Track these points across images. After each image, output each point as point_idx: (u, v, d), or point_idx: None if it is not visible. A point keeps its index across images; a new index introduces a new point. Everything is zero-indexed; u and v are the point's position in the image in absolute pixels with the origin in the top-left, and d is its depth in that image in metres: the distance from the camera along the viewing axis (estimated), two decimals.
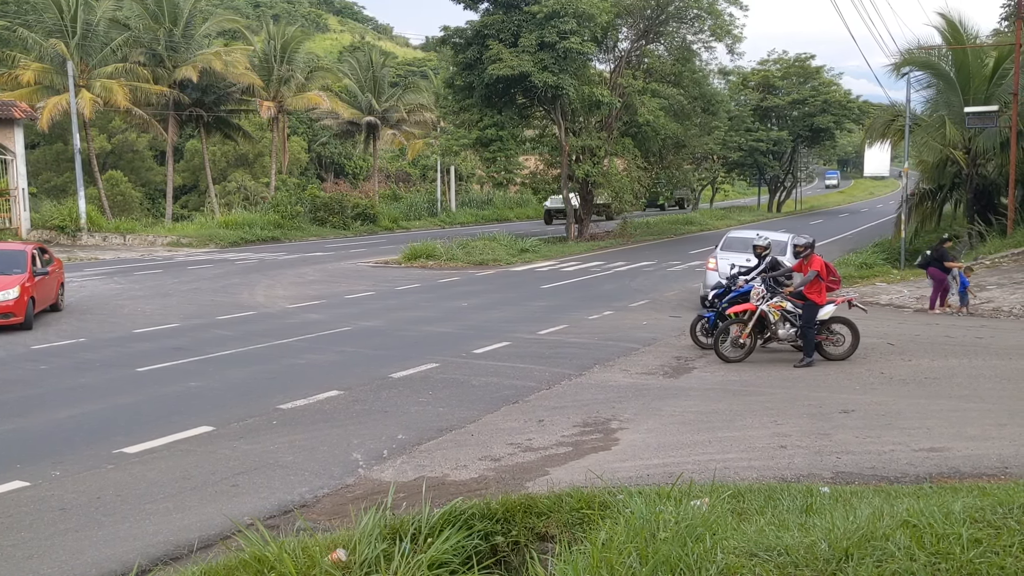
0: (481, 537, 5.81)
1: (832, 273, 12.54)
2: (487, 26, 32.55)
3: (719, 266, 17.10)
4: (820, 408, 9.59)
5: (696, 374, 11.84)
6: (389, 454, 8.29)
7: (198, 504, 6.97)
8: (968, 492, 5.88)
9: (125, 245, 35.68)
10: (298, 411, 10.04)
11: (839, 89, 63.95)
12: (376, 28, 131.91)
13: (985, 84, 27.63)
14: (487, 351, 13.57)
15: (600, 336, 14.95)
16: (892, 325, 15.13)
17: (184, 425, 9.33)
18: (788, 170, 69.79)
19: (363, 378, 11.71)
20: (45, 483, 7.57)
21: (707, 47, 38.88)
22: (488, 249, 30.33)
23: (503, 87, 32.63)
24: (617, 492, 6.08)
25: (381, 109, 53.46)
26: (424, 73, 76.91)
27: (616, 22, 35.72)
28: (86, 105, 37.03)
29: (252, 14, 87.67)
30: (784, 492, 6.13)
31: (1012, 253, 22.81)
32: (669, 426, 9.02)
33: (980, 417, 9.02)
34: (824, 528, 4.98)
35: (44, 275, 16.76)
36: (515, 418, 9.58)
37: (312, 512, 6.79)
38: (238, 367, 12.60)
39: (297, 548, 5.28)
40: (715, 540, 4.81)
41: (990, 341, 13.59)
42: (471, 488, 7.08)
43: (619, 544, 4.85)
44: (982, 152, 27.39)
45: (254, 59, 46.82)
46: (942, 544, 4.62)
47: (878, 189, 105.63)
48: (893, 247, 29.27)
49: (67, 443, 8.80)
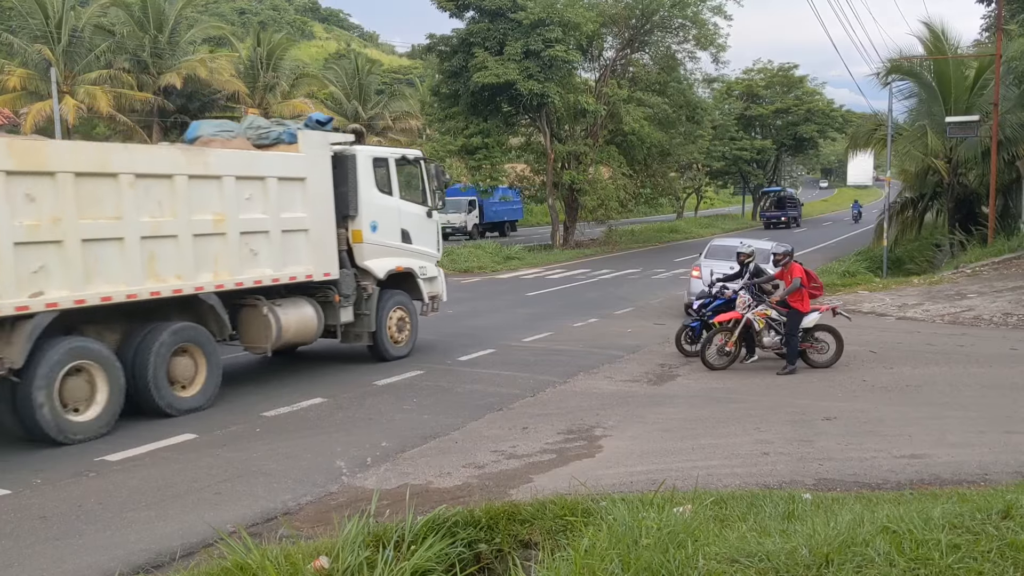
0: (465, 545, 5.81)
1: (813, 280, 12.61)
2: (473, 34, 32.64)
3: (703, 274, 17.17)
4: (803, 415, 9.64)
5: (680, 381, 11.88)
6: (373, 461, 8.28)
7: (180, 512, 6.94)
8: (948, 498, 5.93)
9: None
10: (281, 418, 10.02)
11: (822, 98, 64.43)
12: (362, 36, 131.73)
13: (966, 94, 27.85)
14: (472, 358, 13.57)
15: (585, 343, 14.98)
16: (874, 333, 15.23)
17: (167, 432, 9.30)
18: (772, 179, 70.19)
19: (347, 385, 11.69)
20: (26, 491, 7.52)
21: (692, 57, 39.12)
22: (473, 256, 30.36)
23: (489, 95, 32.70)
24: (600, 499, 6.10)
25: (367, 116, 53.40)
26: (410, 81, 76.91)
27: (601, 31, 35.87)
28: (70, 111, 36.85)
29: (237, 21, 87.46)
30: (766, 499, 6.17)
31: (992, 262, 22.98)
32: (653, 433, 9.05)
33: (961, 424, 9.09)
34: (805, 534, 5.01)
35: None
36: (499, 425, 9.59)
37: (295, 520, 6.77)
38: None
39: (280, 556, 5.27)
40: (697, 547, 4.83)
41: (971, 349, 13.69)
42: (455, 495, 7.08)
43: (602, 551, 4.86)
44: (963, 162, 27.61)
45: (239, 66, 46.69)
46: (921, 550, 4.66)
47: (861, 198, 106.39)
48: (875, 255, 29.45)
49: (49, 451, 8.74)
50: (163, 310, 10.35)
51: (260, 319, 11.58)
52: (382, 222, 13.17)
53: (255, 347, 11.96)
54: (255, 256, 11.16)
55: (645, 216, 61.10)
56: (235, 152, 11.31)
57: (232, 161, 11.00)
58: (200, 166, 10.51)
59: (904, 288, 21.19)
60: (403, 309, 13.74)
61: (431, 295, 14.39)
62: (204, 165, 10.56)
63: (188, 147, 11.12)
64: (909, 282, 22.54)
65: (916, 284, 21.92)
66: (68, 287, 8.96)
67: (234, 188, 10.83)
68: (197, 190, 10.36)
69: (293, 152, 11.89)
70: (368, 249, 12.94)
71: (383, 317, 13.26)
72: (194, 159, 10.52)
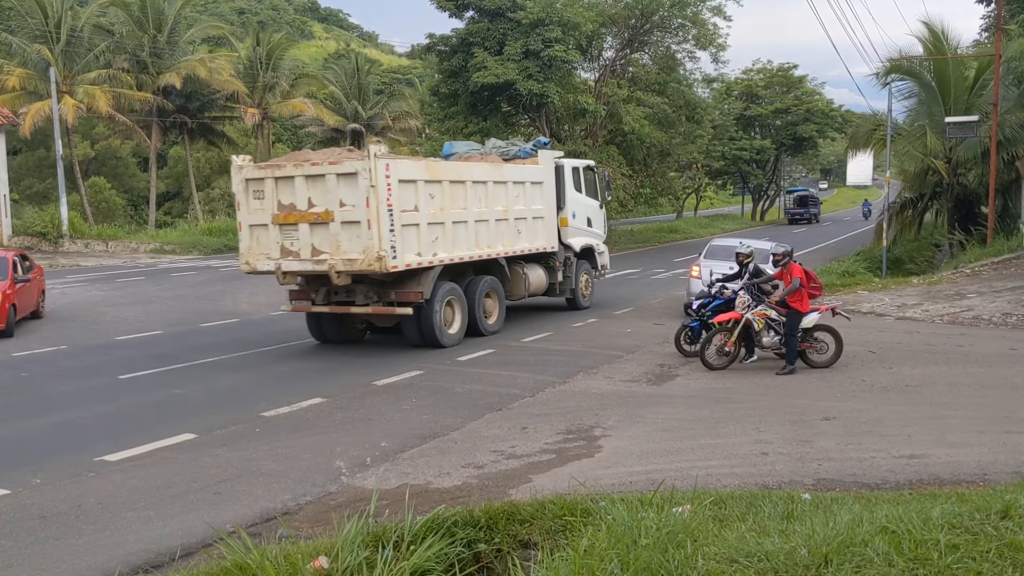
0: (464, 544, 5.81)
1: (812, 280, 12.62)
2: (472, 34, 32.66)
3: (703, 274, 17.17)
4: (802, 415, 9.64)
5: (679, 381, 11.89)
6: (372, 461, 8.28)
7: (180, 512, 6.94)
8: (947, 499, 5.93)
9: (107, 252, 35.51)
10: (281, 418, 10.01)
11: (822, 98, 64.45)
12: (361, 35, 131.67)
13: (966, 94, 27.85)
14: (471, 358, 13.57)
15: (584, 343, 14.99)
16: (874, 333, 15.24)
17: (166, 433, 9.29)
18: (771, 179, 70.23)
19: (346, 385, 11.70)
20: (26, 491, 7.52)
21: (691, 56, 39.15)
22: None
23: (488, 95, 32.72)
24: (600, 499, 6.10)
25: (366, 116, 53.43)
26: (409, 80, 76.87)
27: (601, 31, 35.89)
28: (69, 111, 36.86)
29: (237, 21, 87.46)
30: (765, 499, 6.16)
31: (992, 262, 22.99)
32: (652, 433, 9.05)
33: (960, 424, 9.10)
34: (804, 534, 5.02)
35: (25, 282, 16.65)
36: (499, 425, 9.58)
37: (295, 520, 6.77)
38: (221, 374, 12.56)
39: (279, 556, 5.27)
40: (696, 547, 4.83)
41: (970, 349, 13.70)
42: (454, 495, 7.08)
43: (601, 551, 4.86)
44: (962, 162, 27.60)
45: (239, 66, 46.72)
46: (920, 550, 4.67)
47: (860, 198, 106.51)
48: (875, 255, 29.46)
49: (48, 451, 8.76)
50: (478, 267, 15.62)
51: (520, 277, 16.90)
52: (578, 212, 18.61)
53: (514, 296, 17.05)
54: (519, 234, 16.43)
55: (644, 216, 61.11)
56: (515, 166, 16.75)
57: (511, 171, 16.36)
58: (498, 174, 15.83)
59: (903, 288, 21.19)
60: (588, 274, 19.25)
61: (602, 265, 19.83)
62: (500, 174, 15.90)
63: (497, 161, 16.38)
64: (908, 282, 22.55)
65: (915, 284, 21.94)
66: (446, 251, 14.27)
67: (511, 188, 16.13)
68: (495, 190, 15.57)
69: (534, 164, 17.15)
70: (570, 231, 18.31)
71: (578, 279, 18.70)
72: (495, 170, 15.87)
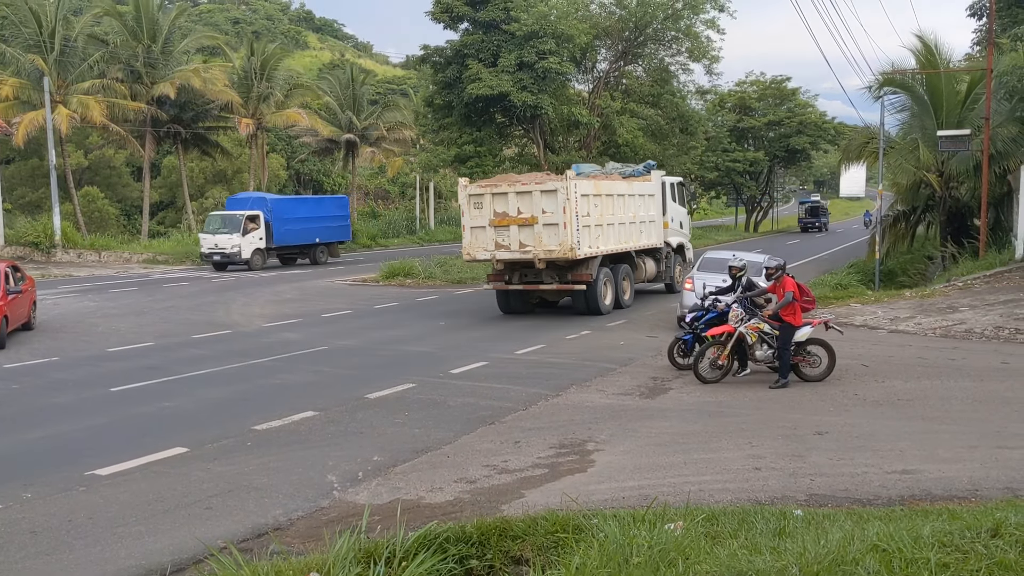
0: (456, 561, 5.80)
1: (805, 293, 12.65)
2: (467, 46, 32.78)
3: (696, 287, 17.18)
4: (795, 430, 9.65)
5: (672, 395, 11.89)
6: (364, 476, 8.26)
7: (171, 527, 6.92)
8: (938, 516, 5.94)
9: (100, 262, 35.43)
10: (273, 432, 9.99)
11: (814, 111, 64.77)
12: (356, 46, 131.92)
13: (958, 108, 27.98)
14: (464, 371, 13.55)
15: (577, 356, 14.99)
16: (866, 346, 15.27)
17: (157, 446, 9.26)
18: (765, 190, 70.47)
19: (339, 399, 11.67)
20: (16, 505, 7.49)
21: (685, 69, 39.30)
22: (466, 267, 30.29)
23: (482, 106, 32.82)
24: (592, 515, 6.10)
25: (360, 127, 53.50)
26: (404, 91, 77.08)
27: (595, 43, 36.05)
28: (62, 121, 36.83)
29: (231, 31, 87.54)
30: (758, 515, 6.17)
31: (984, 275, 23.05)
32: (645, 448, 9.05)
33: (952, 439, 9.12)
34: (796, 552, 5.02)
35: (17, 294, 16.56)
36: (491, 439, 9.58)
37: (286, 535, 6.75)
38: (213, 387, 12.53)
39: (271, 572, 5.26)
40: (688, 564, 4.84)
41: (962, 363, 13.74)
42: (446, 511, 7.07)
43: (592, 569, 4.86)
44: (955, 175, 27.70)
45: (233, 76, 46.73)
46: (911, 569, 4.68)
47: (853, 210, 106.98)
48: (868, 268, 29.53)
49: (39, 464, 8.72)
50: (616, 259, 20.77)
51: (641, 266, 22.35)
52: (675, 217, 24.50)
53: (637, 280, 22.14)
54: (641, 234, 21.77)
55: None
56: (639, 182, 22.12)
57: (637, 186, 21.81)
58: (630, 189, 21.34)
59: (896, 301, 21.24)
60: (680, 265, 24.64)
61: (688, 259, 25.14)
62: (631, 188, 21.42)
63: (617, 179, 21.43)
64: (901, 295, 22.60)
65: (908, 297, 21.99)
66: (603, 244, 19.54)
67: (637, 200, 21.64)
68: (629, 201, 21.13)
69: (647, 181, 22.50)
70: (670, 232, 23.98)
71: (674, 269, 24.28)
72: (628, 186, 21.31)
